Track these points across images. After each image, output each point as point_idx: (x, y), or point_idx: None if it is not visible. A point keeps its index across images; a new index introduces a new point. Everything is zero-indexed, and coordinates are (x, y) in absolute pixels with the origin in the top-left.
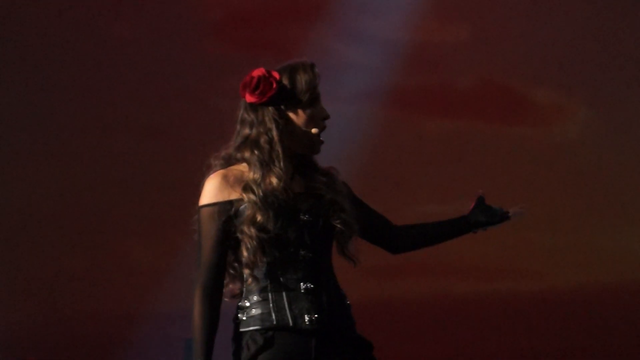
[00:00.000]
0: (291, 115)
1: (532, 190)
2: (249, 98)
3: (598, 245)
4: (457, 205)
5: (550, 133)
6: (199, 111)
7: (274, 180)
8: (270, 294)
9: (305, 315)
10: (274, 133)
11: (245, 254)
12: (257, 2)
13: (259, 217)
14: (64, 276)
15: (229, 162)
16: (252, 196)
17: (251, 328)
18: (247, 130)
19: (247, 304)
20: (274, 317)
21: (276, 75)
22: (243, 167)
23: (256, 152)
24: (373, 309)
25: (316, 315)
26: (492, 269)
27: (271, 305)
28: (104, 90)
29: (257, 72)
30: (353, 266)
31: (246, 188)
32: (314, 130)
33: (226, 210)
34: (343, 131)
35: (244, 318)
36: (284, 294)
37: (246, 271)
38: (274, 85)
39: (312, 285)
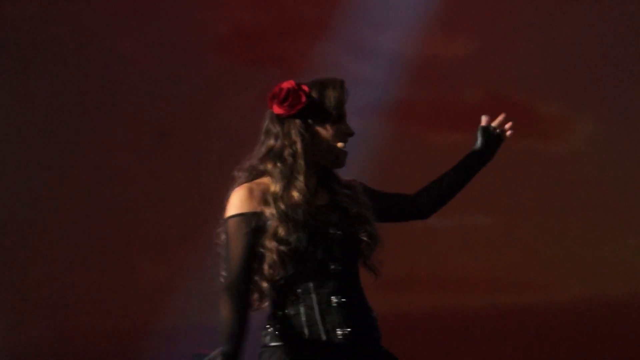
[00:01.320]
0: (318, 129)
1: (538, 202)
2: (277, 109)
3: (604, 258)
4: (464, 218)
5: (556, 145)
6: (206, 126)
7: (295, 194)
8: (301, 308)
9: (338, 330)
10: (299, 146)
11: (265, 267)
12: (263, 16)
13: (280, 230)
14: (71, 292)
15: (252, 173)
16: (272, 209)
17: (283, 342)
18: (271, 142)
19: (278, 318)
20: (306, 331)
21: (306, 89)
22: (268, 180)
23: (279, 164)
24: (381, 322)
25: (348, 330)
26: (498, 281)
27: (303, 319)
28: (111, 106)
29: (287, 84)
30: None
31: (267, 201)
32: (339, 145)
33: (252, 221)
34: (350, 145)
35: (276, 332)
36: (316, 307)
37: (264, 284)
38: (303, 99)
39: (343, 299)
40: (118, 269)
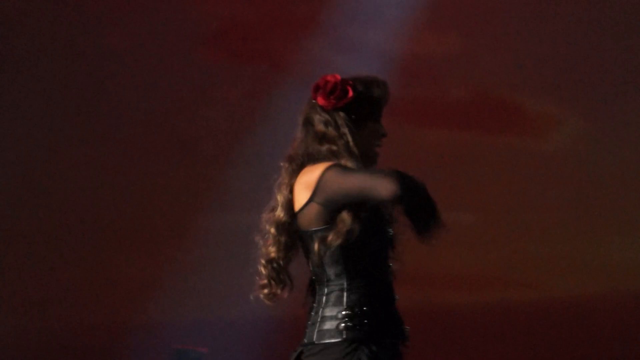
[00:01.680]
0: (360, 125)
1: (524, 199)
2: (322, 101)
3: (589, 256)
4: (448, 214)
5: (543, 143)
6: (194, 122)
7: None
8: (373, 306)
9: (401, 328)
10: (349, 137)
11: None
12: (251, 12)
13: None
14: (54, 288)
15: (309, 159)
16: None
17: (362, 339)
18: (322, 127)
19: (351, 313)
20: (383, 329)
21: (352, 83)
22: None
23: (334, 147)
24: None
25: (406, 328)
26: (483, 279)
27: (381, 316)
28: (97, 101)
29: (332, 78)
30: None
31: None
32: (375, 143)
33: None
34: None
35: (351, 330)
36: (384, 306)
37: (332, 272)
38: (351, 94)
39: (397, 297)
40: (100, 264)
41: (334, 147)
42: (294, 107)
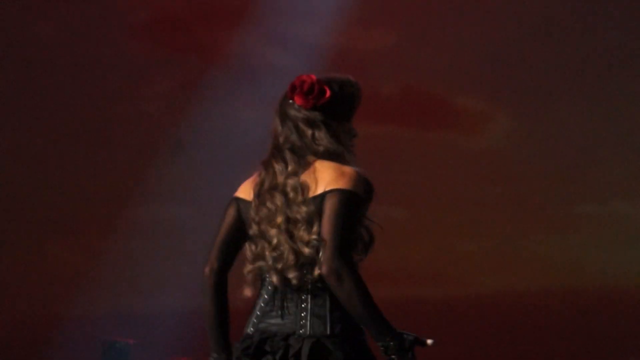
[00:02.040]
0: (336, 124)
1: (453, 196)
2: (300, 101)
3: (518, 252)
4: (379, 209)
5: (473, 140)
6: (125, 112)
7: None
8: None
9: None
10: (335, 135)
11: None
12: (182, 3)
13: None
14: None
15: (316, 152)
16: None
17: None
18: (307, 126)
19: None
20: None
21: (328, 83)
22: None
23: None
24: None
25: None
26: (414, 274)
27: None
28: (28, 90)
29: (307, 78)
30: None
31: None
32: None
33: None
34: (264, 136)
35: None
36: None
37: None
38: (328, 94)
39: None
40: (30, 256)
41: (332, 144)
42: (224, 99)
